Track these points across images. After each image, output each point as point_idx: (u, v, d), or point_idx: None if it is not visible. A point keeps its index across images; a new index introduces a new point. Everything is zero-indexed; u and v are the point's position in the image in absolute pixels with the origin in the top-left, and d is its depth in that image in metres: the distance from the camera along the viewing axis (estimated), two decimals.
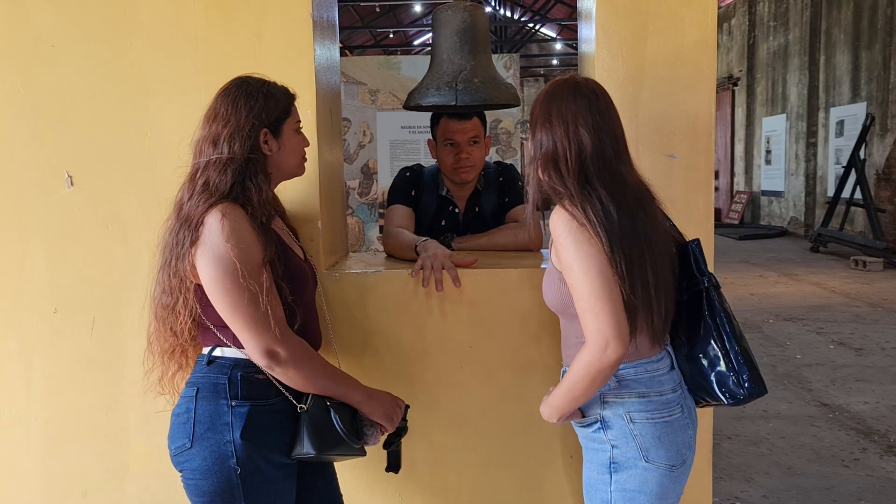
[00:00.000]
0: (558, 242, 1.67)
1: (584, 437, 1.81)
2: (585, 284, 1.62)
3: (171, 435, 1.76)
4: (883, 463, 4.06)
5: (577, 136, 1.68)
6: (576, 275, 1.63)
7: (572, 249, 1.63)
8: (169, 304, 1.75)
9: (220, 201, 1.69)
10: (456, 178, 2.73)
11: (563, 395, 1.71)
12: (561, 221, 1.66)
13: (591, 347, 1.61)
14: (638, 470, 1.71)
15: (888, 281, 9.75)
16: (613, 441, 1.73)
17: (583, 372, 1.64)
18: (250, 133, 1.73)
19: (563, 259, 1.66)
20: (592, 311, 1.61)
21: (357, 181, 7.55)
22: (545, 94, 1.76)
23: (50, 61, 2.16)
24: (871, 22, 12.45)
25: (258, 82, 1.80)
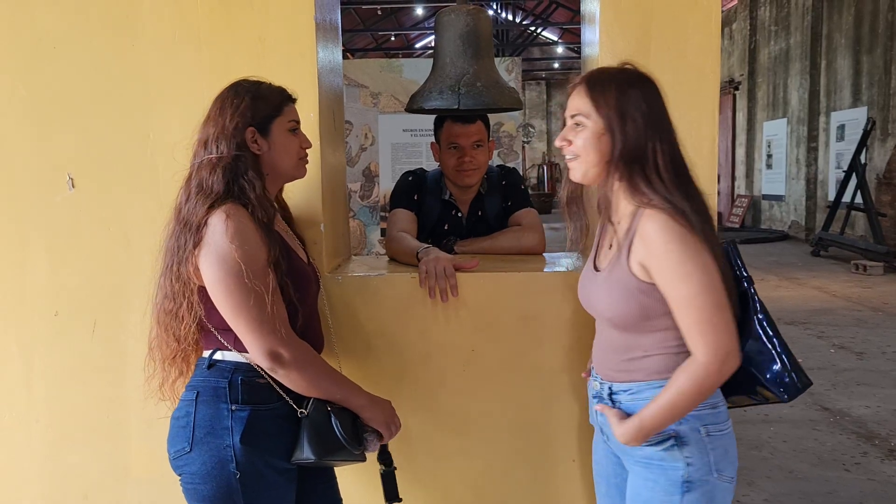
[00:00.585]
0: (663, 249, 1.54)
1: (647, 457, 1.64)
2: (707, 295, 1.52)
3: (171, 439, 1.75)
4: (884, 467, 4.05)
5: (660, 137, 1.59)
6: (694, 285, 1.52)
7: (689, 258, 1.52)
8: (172, 310, 1.74)
9: (221, 202, 1.68)
10: (459, 182, 2.72)
11: (665, 414, 1.57)
12: (667, 225, 1.54)
13: (709, 362, 1.52)
14: (708, 487, 1.61)
15: (889, 285, 9.74)
16: (689, 458, 1.60)
17: (695, 388, 1.54)
18: (235, 132, 1.73)
19: (674, 266, 1.53)
20: (712, 324, 1.52)
21: (359, 184, 7.54)
22: (618, 80, 1.63)
23: (52, 63, 2.15)
24: (872, 27, 12.45)
25: (249, 83, 1.81)
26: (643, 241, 1.57)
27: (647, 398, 1.63)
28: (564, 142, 1.68)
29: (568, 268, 2.25)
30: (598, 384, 1.76)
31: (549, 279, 2.18)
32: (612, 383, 1.71)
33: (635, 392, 1.66)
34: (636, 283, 1.60)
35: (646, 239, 1.56)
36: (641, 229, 1.57)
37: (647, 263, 1.57)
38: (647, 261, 1.57)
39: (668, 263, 1.54)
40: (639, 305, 1.60)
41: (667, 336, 1.61)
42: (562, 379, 2.15)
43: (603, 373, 1.75)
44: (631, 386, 1.67)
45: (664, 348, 1.62)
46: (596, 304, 1.72)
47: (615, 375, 1.71)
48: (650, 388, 1.63)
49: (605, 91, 1.62)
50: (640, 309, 1.60)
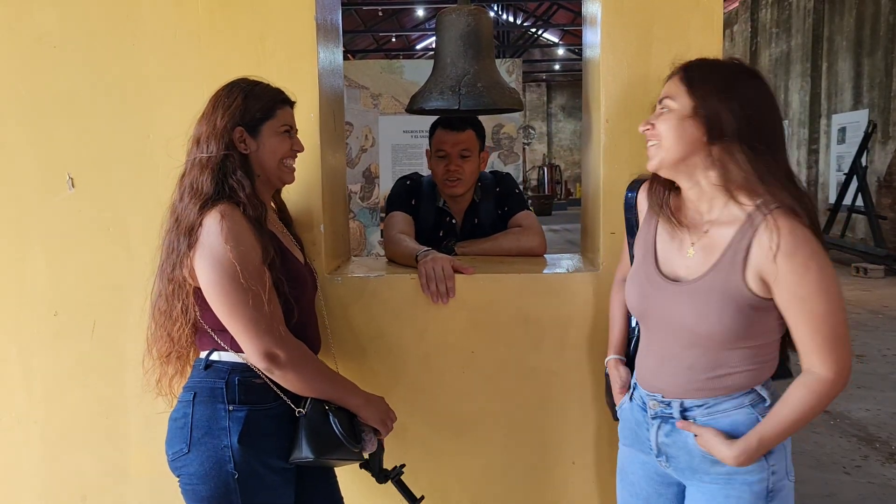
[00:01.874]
0: (804, 263, 1.41)
1: (730, 472, 1.55)
2: (839, 312, 1.42)
3: (169, 440, 1.75)
4: (884, 470, 4.05)
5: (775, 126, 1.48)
6: (830, 300, 1.41)
7: (826, 272, 1.41)
8: (166, 310, 1.74)
9: (215, 203, 1.68)
10: (444, 191, 2.72)
11: (784, 432, 1.49)
12: (805, 238, 1.41)
13: (837, 379, 1.44)
14: (786, 492, 1.54)
15: (889, 288, 9.73)
16: (773, 466, 1.52)
17: (819, 405, 1.45)
18: (223, 132, 1.73)
19: (815, 281, 1.41)
20: (843, 341, 1.43)
21: (359, 185, 7.54)
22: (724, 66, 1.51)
23: (51, 62, 2.15)
24: (873, 29, 12.45)
25: (246, 82, 1.80)
26: (770, 251, 1.42)
27: (725, 410, 1.54)
28: (648, 126, 1.55)
29: (568, 269, 2.25)
30: (656, 403, 1.62)
31: (549, 281, 2.18)
32: (683, 400, 1.59)
33: (711, 406, 1.56)
34: (750, 297, 1.46)
35: (783, 251, 1.41)
36: (768, 238, 1.42)
37: (770, 276, 1.43)
38: (773, 274, 1.43)
39: (806, 279, 1.41)
40: (747, 322, 1.48)
41: (755, 352, 1.53)
42: (561, 381, 2.15)
43: (668, 391, 1.61)
44: (707, 400, 1.56)
45: (751, 364, 1.53)
46: (681, 319, 1.54)
47: (690, 393, 1.58)
48: (729, 399, 1.54)
49: (706, 75, 1.50)
50: (748, 325, 1.48)
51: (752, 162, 1.44)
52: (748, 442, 1.49)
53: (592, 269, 2.17)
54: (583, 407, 2.15)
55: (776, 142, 1.47)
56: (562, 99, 30.25)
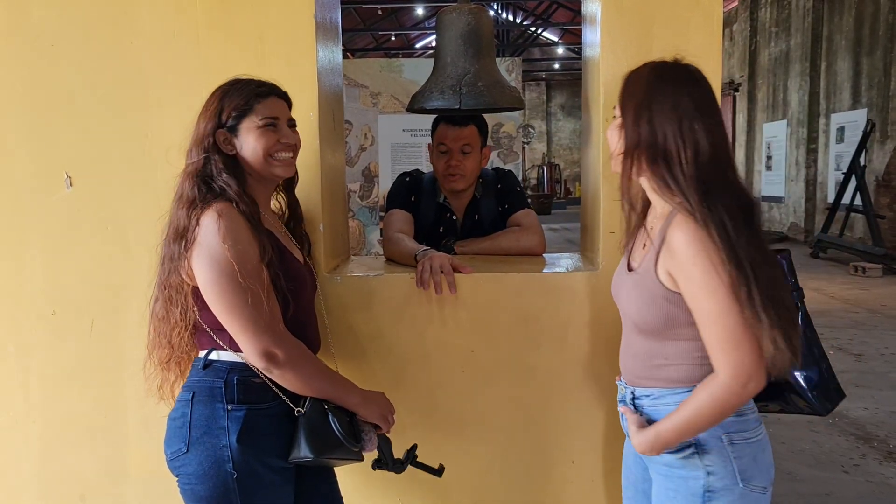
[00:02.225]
0: (689, 262, 1.47)
1: (668, 465, 1.61)
2: (733, 313, 1.44)
3: (167, 439, 1.75)
4: (882, 469, 4.05)
5: (694, 136, 1.50)
6: (717, 301, 1.44)
7: (712, 273, 1.44)
8: (165, 316, 1.74)
9: (210, 202, 1.68)
10: (445, 186, 2.71)
11: (681, 428, 1.53)
12: (695, 239, 1.46)
13: (731, 382, 1.46)
14: (734, 496, 1.55)
15: (887, 287, 9.74)
16: (710, 467, 1.56)
17: (715, 407, 1.48)
18: (204, 138, 1.74)
19: (697, 281, 1.46)
20: (736, 342, 1.44)
21: (358, 184, 7.54)
22: (651, 77, 1.57)
23: (49, 61, 2.14)
24: (872, 29, 12.45)
25: (229, 82, 1.80)
26: (670, 249, 1.51)
27: (668, 404, 1.59)
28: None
29: (567, 269, 2.25)
30: (622, 388, 1.74)
31: (549, 280, 2.17)
32: (634, 388, 1.68)
33: (657, 398, 1.63)
34: (662, 291, 1.55)
35: (672, 248, 1.50)
36: (669, 237, 1.51)
37: (673, 273, 1.52)
38: (674, 270, 1.51)
39: (694, 276, 1.47)
40: (664, 314, 1.56)
41: (691, 346, 1.56)
42: (561, 380, 2.14)
43: (627, 377, 1.72)
44: (652, 391, 1.63)
45: (688, 359, 1.58)
46: (624, 305, 1.68)
47: (638, 381, 1.67)
48: (672, 394, 1.60)
49: (633, 85, 1.59)
50: (665, 317, 1.56)
51: (654, 173, 1.54)
52: (647, 433, 1.58)
53: (592, 269, 2.17)
54: (582, 406, 2.14)
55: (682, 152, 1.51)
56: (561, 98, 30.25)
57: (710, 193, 1.48)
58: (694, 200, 1.48)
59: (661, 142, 1.52)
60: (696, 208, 1.47)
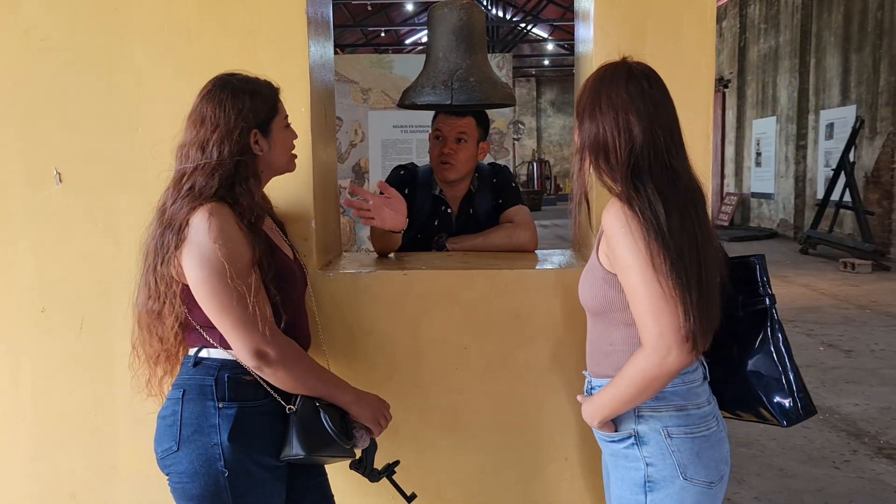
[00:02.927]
0: (615, 240, 1.55)
1: (614, 454, 1.70)
2: (652, 286, 1.50)
3: (158, 438, 1.73)
4: (873, 465, 4.06)
5: (628, 126, 1.57)
6: (638, 275, 1.51)
7: (632, 248, 1.52)
8: (154, 310, 1.72)
9: (205, 201, 1.66)
10: (438, 175, 2.70)
11: (609, 398, 1.61)
12: (618, 218, 1.55)
13: (651, 353, 1.52)
14: (675, 489, 1.60)
15: (876, 283, 9.78)
16: (649, 458, 1.62)
17: (637, 378, 1.55)
18: (240, 137, 1.70)
19: (621, 258, 1.54)
20: (655, 315, 1.50)
21: (349, 180, 7.52)
22: (594, 79, 1.65)
23: (39, 55, 2.12)
24: (860, 25, 12.50)
25: (242, 80, 1.76)
26: (604, 232, 1.60)
27: None
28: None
29: (560, 265, 2.24)
30: (587, 378, 1.79)
31: (541, 276, 2.17)
32: (592, 378, 1.76)
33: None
34: (602, 272, 1.63)
35: (604, 229, 1.59)
36: (603, 220, 1.60)
37: (608, 253, 1.60)
38: (608, 251, 1.60)
39: (618, 253, 1.55)
40: (602, 295, 1.64)
41: (632, 332, 1.61)
42: (554, 376, 2.14)
43: (588, 367, 1.78)
44: (603, 382, 1.69)
45: (629, 345, 1.63)
46: (580, 293, 1.75)
47: (593, 368, 1.75)
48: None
49: (582, 90, 1.68)
50: (604, 298, 1.64)
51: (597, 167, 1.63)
52: (585, 403, 1.70)
53: (584, 264, 2.16)
54: (575, 403, 2.13)
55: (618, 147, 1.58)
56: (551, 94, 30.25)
57: (640, 177, 1.56)
58: (625, 186, 1.57)
59: (601, 137, 1.60)
60: (625, 193, 1.56)
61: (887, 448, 4.29)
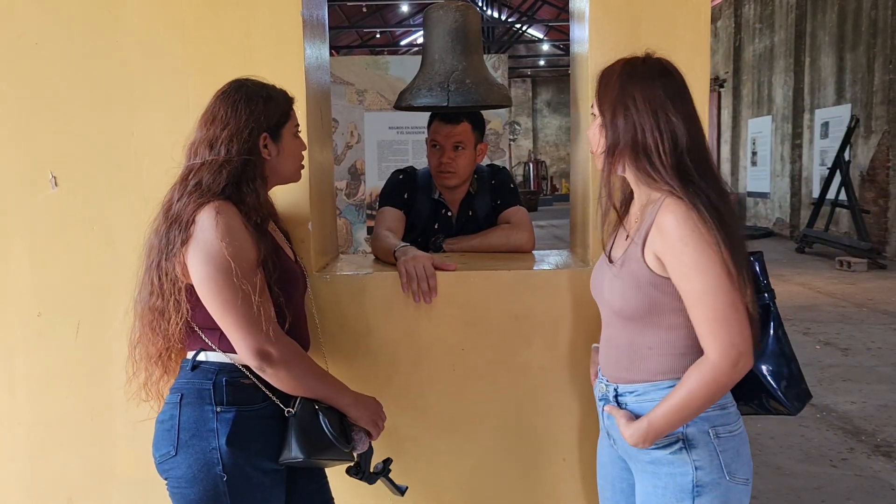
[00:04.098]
0: (681, 242, 1.48)
1: (655, 461, 1.60)
2: (722, 292, 1.46)
3: (156, 442, 1.73)
4: (871, 462, 4.07)
5: (670, 126, 1.53)
6: (710, 281, 1.46)
7: (706, 253, 1.46)
8: (159, 307, 1.70)
9: (212, 199, 1.66)
10: (438, 183, 2.70)
11: (674, 415, 1.52)
12: (687, 220, 1.48)
13: (721, 362, 1.47)
14: (721, 490, 1.55)
15: (873, 281, 9.81)
16: (698, 462, 1.56)
17: (707, 389, 1.49)
18: (249, 137, 1.71)
19: (688, 262, 1.48)
20: (726, 322, 1.46)
21: (345, 182, 7.51)
22: (622, 75, 1.59)
23: (34, 58, 2.11)
24: (855, 24, 12.53)
25: (257, 85, 1.78)
26: (660, 231, 1.52)
27: (653, 399, 1.59)
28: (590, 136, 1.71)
29: (558, 265, 2.24)
30: (604, 386, 1.72)
31: (539, 277, 2.17)
32: (617, 385, 1.67)
33: (641, 394, 1.62)
34: (649, 275, 1.56)
35: (663, 229, 1.51)
36: (659, 220, 1.52)
37: (662, 255, 1.53)
38: (663, 253, 1.52)
39: (684, 256, 1.48)
40: (648, 299, 1.56)
41: (673, 336, 1.58)
42: (552, 377, 2.14)
43: (609, 374, 1.71)
44: (637, 388, 1.63)
45: (671, 348, 1.59)
46: (606, 296, 1.67)
47: (621, 376, 1.66)
48: (656, 389, 1.60)
49: (607, 84, 1.62)
50: (649, 302, 1.56)
51: (637, 167, 1.58)
52: (639, 424, 1.56)
53: (583, 266, 2.16)
54: (574, 404, 2.14)
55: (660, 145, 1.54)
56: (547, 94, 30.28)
57: (692, 180, 1.53)
58: (678, 187, 1.52)
59: (640, 137, 1.55)
60: (682, 194, 1.51)
61: (884, 446, 4.30)
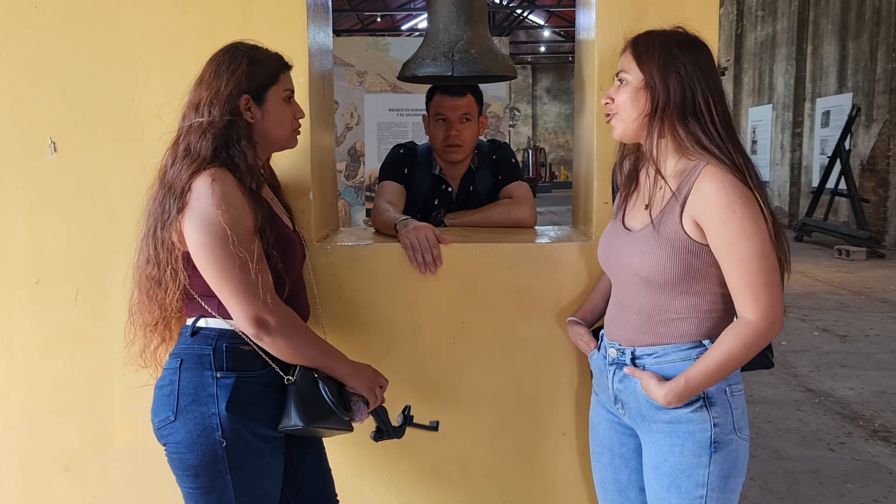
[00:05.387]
0: (728, 208, 1.50)
1: (673, 421, 1.62)
2: (765, 257, 1.51)
3: (155, 408, 1.72)
4: (868, 447, 4.08)
5: (720, 90, 1.58)
6: (755, 246, 1.50)
7: (752, 219, 1.50)
8: (155, 276, 1.69)
9: (207, 166, 1.64)
10: (445, 158, 2.68)
11: (712, 374, 1.56)
12: (731, 183, 1.51)
13: (761, 323, 1.51)
14: (733, 446, 1.61)
15: (871, 270, 9.82)
16: (716, 419, 1.60)
17: (745, 349, 1.53)
18: (229, 99, 1.69)
19: (737, 225, 1.50)
20: (769, 286, 1.51)
21: (344, 164, 7.46)
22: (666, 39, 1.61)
23: (33, 23, 2.09)
24: (858, 12, 12.49)
25: (246, 47, 1.76)
26: (702, 197, 1.53)
27: (672, 360, 1.62)
28: (608, 99, 1.68)
29: (560, 239, 2.22)
30: (614, 351, 1.72)
31: (541, 250, 2.15)
32: (634, 347, 1.68)
33: (661, 355, 1.64)
34: (686, 241, 1.57)
35: (706, 196, 1.53)
36: (701, 186, 1.54)
37: (703, 221, 1.54)
38: (704, 219, 1.54)
39: (732, 223, 1.51)
40: (685, 265, 1.58)
41: (701, 301, 1.60)
42: (553, 351, 2.12)
43: (623, 337, 1.70)
44: (656, 349, 1.64)
45: (698, 312, 1.61)
46: (629, 263, 1.66)
47: (639, 339, 1.67)
48: (676, 350, 1.62)
49: (650, 48, 1.61)
50: (686, 268, 1.58)
51: (687, 130, 1.57)
52: (676, 382, 1.58)
53: (584, 240, 2.15)
54: (574, 378, 2.13)
55: (712, 109, 1.57)
56: (547, 81, 30.20)
57: (736, 149, 1.56)
58: (732, 151, 1.55)
59: (690, 99, 1.56)
60: (734, 158, 1.54)
61: (882, 430, 4.31)
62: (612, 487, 1.82)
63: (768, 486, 3.58)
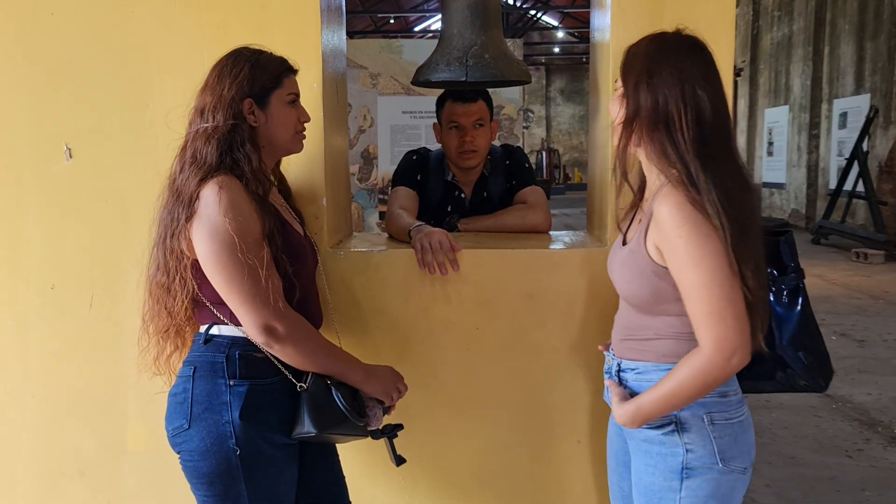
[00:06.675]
0: (674, 234, 1.45)
1: (648, 440, 1.61)
2: (716, 286, 1.43)
3: (169, 416, 1.72)
4: (887, 454, 4.03)
5: (696, 99, 1.48)
6: (701, 273, 1.43)
7: (697, 243, 1.43)
8: (164, 283, 1.70)
9: (214, 174, 1.64)
10: (460, 164, 2.67)
11: (663, 403, 1.53)
12: (679, 207, 1.45)
13: (715, 356, 1.45)
14: (713, 474, 1.56)
15: (889, 273, 9.73)
16: (689, 445, 1.56)
17: (698, 381, 1.48)
18: (232, 103, 1.69)
19: (682, 254, 1.45)
20: (720, 316, 1.43)
21: (357, 166, 7.47)
22: (652, 47, 1.56)
23: (49, 29, 2.10)
24: (876, 13, 12.38)
25: (250, 52, 1.76)
26: (656, 222, 1.50)
27: (651, 380, 1.60)
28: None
29: (574, 245, 2.21)
30: (610, 359, 1.74)
31: (554, 256, 2.14)
32: (621, 360, 1.68)
33: (642, 372, 1.63)
34: (651, 265, 1.54)
35: (658, 221, 1.49)
36: (656, 210, 1.49)
37: (660, 246, 1.51)
38: (661, 243, 1.51)
39: (678, 248, 1.46)
40: (651, 288, 1.56)
41: (679, 321, 1.56)
42: (566, 358, 2.11)
43: (616, 348, 1.72)
44: (638, 365, 1.64)
45: (675, 333, 1.58)
46: (616, 279, 1.68)
47: (625, 353, 1.67)
48: (657, 369, 1.60)
49: (635, 55, 1.58)
50: (653, 291, 1.56)
51: (653, 139, 1.52)
52: (629, 405, 1.57)
53: (599, 246, 2.13)
54: (588, 385, 2.11)
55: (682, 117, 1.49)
56: (561, 82, 30.11)
57: (713, 158, 1.47)
58: (695, 166, 1.46)
59: (662, 107, 1.50)
60: (689, 171, 1.46)
61: None
62: (616, 494, 1.82)
63: (784, 493, 3.55)
